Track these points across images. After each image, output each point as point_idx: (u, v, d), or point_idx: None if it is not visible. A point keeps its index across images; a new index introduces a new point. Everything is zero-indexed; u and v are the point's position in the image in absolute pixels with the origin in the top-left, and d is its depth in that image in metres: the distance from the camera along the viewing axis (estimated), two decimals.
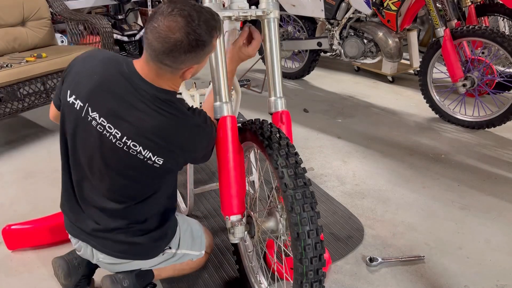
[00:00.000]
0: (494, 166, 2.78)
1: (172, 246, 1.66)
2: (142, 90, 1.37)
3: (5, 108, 2.79)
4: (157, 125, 1.37)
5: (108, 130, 1.40)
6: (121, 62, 1.42)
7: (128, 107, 1.37)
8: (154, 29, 1.28)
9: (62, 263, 1.69)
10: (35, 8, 3.35)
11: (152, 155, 1.40)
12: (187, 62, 1.33)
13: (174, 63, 1.32)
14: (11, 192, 2.48)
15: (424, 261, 1.98)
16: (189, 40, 1.27)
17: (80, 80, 1.44)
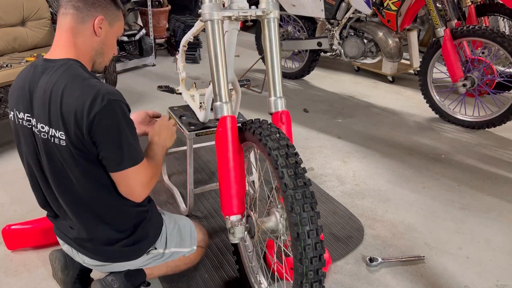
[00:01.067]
0: (494, 166, 2.78)
1: (158, 246, 1.64)
2: (44, 68, 1.40)
3: (5, 108, 2.79)
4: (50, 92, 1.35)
5: (31, 122, 1.42)
6: (34, 61, 1.47)
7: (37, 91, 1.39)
8: None
9: (59, 255, 1.69)
10: (35, 8, 3.35)
11: (54, 130, 1.35)
12: (98, 7, 1.40)
13: (86, 4, 1.39)
14: (11, 192, 2.48)
15: (424, 261, 1.98)
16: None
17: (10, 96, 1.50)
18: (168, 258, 1.68)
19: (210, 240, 2.03)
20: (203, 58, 4.95)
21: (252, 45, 4.71)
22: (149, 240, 1.61)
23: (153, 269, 1.70)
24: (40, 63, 1.42)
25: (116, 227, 1.53)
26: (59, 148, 1.37)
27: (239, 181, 1.47)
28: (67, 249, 1.65)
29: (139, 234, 1.57)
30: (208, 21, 1.50)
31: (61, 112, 1.33)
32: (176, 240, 1.69)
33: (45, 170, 1.47)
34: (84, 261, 1.62)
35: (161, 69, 4.61)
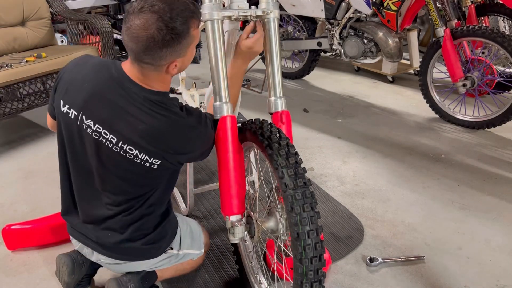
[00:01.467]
0: (494, 166, 2.78)
1: (174, 246, 1.66)
2: (133, 93, 1.37)
3: (5, 108, 2.79)
4: (150, 129, 1.36)
5: (104, 136, 1.40)
6: (110, 66, 1.42)
7: (121, 112, 1.37)
8: (128, 30, 1.28)
9: (67, 260, 1.69)
10: (35, 8, 3.35)
11: (148, 157, 1.40)
12: (166, 57, 1.33)
13: (154, 60, 1.32)
14: (11, 192, 2.48)
15: (424, 261, 1.98)
16: (162, 35, 1.26)
17: (71, 89, 1.44)
18: (180, 260, 1.70)
19: (210, 240, 2.04)
20: (203, 58, 4.95)
21: None
22: (167, 239, 1.63)
23: (163, 272, 1.72)
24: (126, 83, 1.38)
25: (140, 227, 1.55)
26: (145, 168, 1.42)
27: (239, 181, 1.47)
28: (80, 248, 1.66)
29: (159, 232, 1.58)
30: (208, 21, 1.50)
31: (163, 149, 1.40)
32: (188, 241, 1.71)
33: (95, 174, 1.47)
34: (99, 259, 1.62)
35: None
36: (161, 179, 1.52)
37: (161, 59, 1.32)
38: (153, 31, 1.26)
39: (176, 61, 1.36)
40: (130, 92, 1.37)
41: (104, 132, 1.39)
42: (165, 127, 1.37)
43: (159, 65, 1.34)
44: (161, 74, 1.38)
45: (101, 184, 1.48)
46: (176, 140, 1.40)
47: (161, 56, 1.31)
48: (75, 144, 1.47)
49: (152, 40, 1.27)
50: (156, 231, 1.58)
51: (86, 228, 1.58)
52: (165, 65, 1.36)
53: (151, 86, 1.39)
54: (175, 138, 1.39)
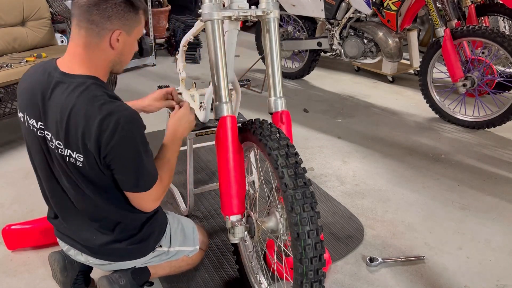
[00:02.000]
0: (494, 166, 2.78)
1: (163, 244, 1.65)
2: (59, 82, 1.36)
3: (5, 108, 2.79)
4: (66, 112, 1.32)
5: (46, 134, 1.40)
6: (45, 63, 1.43)
7: (50, 104, 1.36)
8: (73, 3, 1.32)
9: (58, 257, 1.69)
10: (35, 8, 3.35)
11: (71, 151, 1.35)
12: (114, 19, 1.33)
13: (101, 17, 1.31)
14: (11, 192, 2.48)
15: (424, 261, 1.98)
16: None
17: (19, 93, 1.47)
18: (172, 257, 1.69)
19: (210, 240, 2.03)
20: (203, 58, 4.95)
21: (252, 45, 4.71)
22: (154, 238, 1.62)
23: (157, 269, 1.71)
24: (55, 74, 1.37)
25: (125, 228, 1.54)
26: (75, 166, 1.38)
27: (239, 181, 1.47)
28: (67, 250, 1.66)
29: (145, 232, 1.58)
30: (208, 21, 1.50)
31: (81, 138, 1.32)
32: (180, 238, 1.70)
33: (56, 176, 1.47)
34: (88, 260, 1.62)
35: (161, 69, 4.61)
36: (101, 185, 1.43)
37: (109, 19, 1.32)
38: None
39: (121, 32, 1.35)
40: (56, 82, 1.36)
41: (44, 129, 1.40)
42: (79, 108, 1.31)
43: (104, 28, 1.33)
44: (101, 45, 1.36)
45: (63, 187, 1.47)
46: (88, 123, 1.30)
47: (109, 16, 1.32)
48: (31, 147, 1.48)
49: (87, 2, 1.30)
50: (143, 231, 1.56)
51: (71, 231, 1.57)
52: (110, 32, 1.34)
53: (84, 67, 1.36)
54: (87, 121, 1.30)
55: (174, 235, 1.68)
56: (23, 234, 2.00)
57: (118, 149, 1.32)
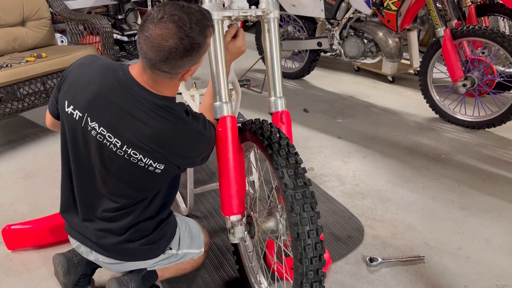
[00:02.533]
0: (494, 166, 2.78)
1: (172, 246, 1.66)
2: (141, 97, 1.36)
3: (5, 108, 2.79)
4: (156, 134, 1.36)
5: (108, 140, 1.39)
6: (117, 69, 1.41)
7: (127, 116, 1.36)
8: (147, 39, 1.27)
9: (62, 259, 1.69)
10: (35, 8, 3.35)
11: (152, 162, 1.40)
12: (185, 66, 1.33)
13: (172, 69, 1.32)
14: (11, 192, 2.48)
15: (424, 261, 1.98)
16: (183, 45, 1.26)
17: (77, 90, 1.43)
18: (179, 259, 1.70)
19: (210, 240, 2.03)
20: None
21: (252, 45, 4.71)
22: (166, 240, 1.63)
23: (164, 271, 1.72)
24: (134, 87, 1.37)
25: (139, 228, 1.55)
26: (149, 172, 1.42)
27: (239, 181, 1.47)
28: (77, 247, 1.66)
29: (158, 233, 1.58)
30: None
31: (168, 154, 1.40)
32: (188, 241, 1.71)
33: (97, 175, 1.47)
34: (98, 259, 1.62)
35: None
36: (163, 183, 1.52)
37: (179, 68, 1.33)
38: (174, 41, 1.25)
39: (191, 69, 1.37)
40: (138, 97, 1.36)
41: (108, 136, 1.39)
42: (171, 132, 1.37)
43: (176, 73, 1.35)
44: (174, 81, 1.39)
45: (103, 186, 1.48)
46: (182, 145, 1.40)
47: (180, 65, 1.32)
48: (78, 145, 1.46)
49: (174, 51, 1.26)
50: (155, 232, 1.58)
51: (85, 227, 1.57)
52: (182, 73, 1.36)
53: (160, 92, 1.38)
54: (180, 143, 1.40)
55: (183, 237, 1.69)
56: (23, 234, 2.00)
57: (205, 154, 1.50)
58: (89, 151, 1.45)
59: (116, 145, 1.39)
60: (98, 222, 1.54)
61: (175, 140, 1.39)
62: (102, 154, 1.42)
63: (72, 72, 1.47)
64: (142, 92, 1.37)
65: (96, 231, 1.55)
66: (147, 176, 1.44)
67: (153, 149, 1.37)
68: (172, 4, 1.28)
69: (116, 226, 1.53)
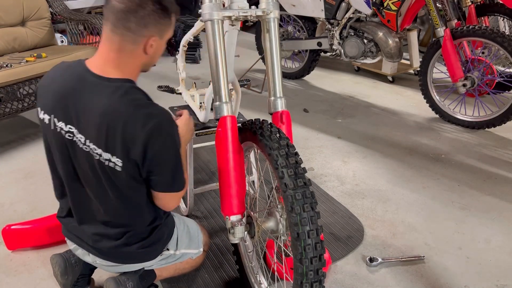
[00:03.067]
0: (494, 166, 2.78)
1: (170, 247, 1.65)
2: (94, 85, 1.35)
3: (5, 108, 2.79)
4: (106, 117, 1.31)
5: (76, 137, 1.39)
6: (75, 65, 1.42)
7: (84, 108, 1.35)
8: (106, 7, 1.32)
9: (59, 260, 1.69)
10: (35, 8, 3.35)
11: (110, 155, 1.35)
12: (150, 26, 1.33)
13: (139, 24, 1.31)
14: (11, 192, 2.48)
15: (424, 261, 1.98)
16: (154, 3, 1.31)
17: (43, 94, 1.45)
18: (177, 260, 1.69)
19: (210, 240, 2.03)
20: (203, 58, 4.95)
21: (252, 45, 4.71)
22: (163, 241, 1.62)
23: (162, 271, 1.71)
24: (89, 77, 1.36)
25: (136, 232, 1.54)
26: (112, 170, 1.38)
27: (239, 181, 1.47)
28: (75, 249, 1.66)
29: (155, 235, 1.57)
30: (208, 21, 1.50)
31: (123, 142, 1.32)
32: (186, 241, 1.70)
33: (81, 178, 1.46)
34: (95, 261, 1.62)
35: (161, 69, 4.61)
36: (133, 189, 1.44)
37: (145, 26, 1.33)
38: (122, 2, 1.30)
39: (155, 38, 1.36)
40: (91, 85, 1.35)
41: (75, 132, 1.39)
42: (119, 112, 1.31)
43: (140, 35, 1.34)
44: (135, 52, 1.36)
45: (88, 188, 1.47)
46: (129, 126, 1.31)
47: (146, 23, 1.32)
48: (55, 148, 1.46)
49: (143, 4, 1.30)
50: (152, 235, 1.56)
51: (81, 231, 1.57)
52: (145, 39, 1.35)
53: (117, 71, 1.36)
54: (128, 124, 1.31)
55: (181, 238, 1.69)
56: (23, 234, 2.00)
57: (162, 152, 1.35)
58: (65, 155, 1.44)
59: (81, 141, 1.38)
60: (93, 226, 1.54)
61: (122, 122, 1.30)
62: (75, 154, 1.42)
63: (42, 80, 1.50)
64: (95, 78, 1.35)
65: (92, 235, 1.54)
66: (113, 176, 1.39)
67: (105, 138, 1.32)
68: None
69: (112, 230, 1.52)
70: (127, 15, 1.30)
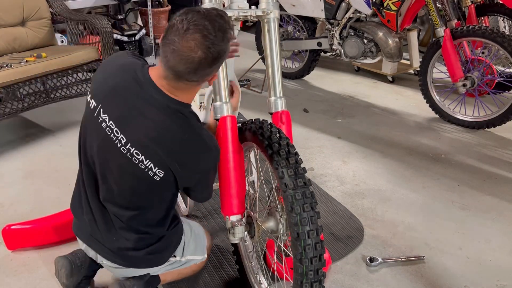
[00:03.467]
0: (494, 166, 2.78)
1: (176, 254, 1.65)
2: (155, 98, 1.35)
3: (5, 108, 2.79)
4: (162, 135, 1.35)
5: (115, 134, 1.39)
6: (136, 69, 1.40)
7: (137, 114, 1.36)
8: (174, 52, 1.25)
9: (65, 262, 1.69)
10: (35, 8, 3.35)
11: (153, 166, 1.38)
12: (212, 72, 1.34)
13: (201, 78, 1.32)
14: (11, 192, 2.48)
15: (424, 261, 1.98)
16: (212, 53, 1.25)
17: (97, 85, 1.45)
18: (183, 265, 1.70)
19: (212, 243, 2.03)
20: None
21: (252, 45, 4.71)
22: (171, 248, 1.62)
23: (166, 275, 1.72)
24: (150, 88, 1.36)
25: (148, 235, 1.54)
26: (147, 178, 1.40)
27: (239, 181, 1.47)
28: (85, 249, 1.66)
29: (164, 242, 1.58)
30: None
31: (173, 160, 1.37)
32: (192, 248, 1.70)
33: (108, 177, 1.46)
34: (102, 261, 1.62)
35: None
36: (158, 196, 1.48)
37: (207, 76, 1.34)
38: (203, 52, 1.24)
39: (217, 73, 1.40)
40: (152, 97, 1.35)
41: (116, 131, 1.38)
42: (177, 137, 1.36)
43: (204, 80, 1.36)
44: (197, 87, 1.40)
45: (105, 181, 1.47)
46: (184, 153, 1.38)
47: (208, 73, 1.32)
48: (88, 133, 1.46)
49: (203, 61, 1.26)
50: (161, 241, 1.56)
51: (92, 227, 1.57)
52: (209, 78, 1.37)
53: (176, 96, 1.37)
54: (183, 150, 1.38)
55: (187, 244, 1.69)
56: (23, 234, 2.00)
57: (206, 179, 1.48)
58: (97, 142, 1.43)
59: (121, 141, 1.38)
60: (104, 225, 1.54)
61: (179, 146, 1.37)
62: (108, 149, 1.41)
63: (101, 66, 1.51)
64: (157, 94, 1.36)
65: (103, 232, 1.54)
66: (145, 182, 1.41)
67: (156, 151, 1.36)
68: (194, 13, 1.26)
69: (122, 232, 1.52)
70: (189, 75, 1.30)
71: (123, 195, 1.46)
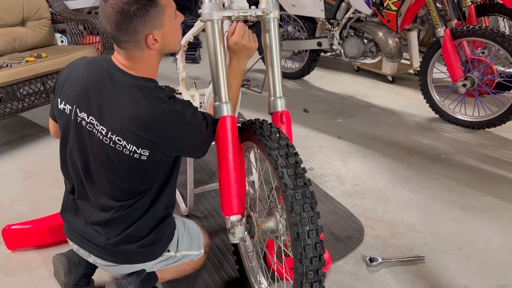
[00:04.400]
0: (494, 166, 2.78)
1: (170, 249, 1.65)
2: (122, 81, 1.40)
3: (5, 108, 2.79)
4: (136, 116, 1.36)
5: (96, 128, 1.42)
6: (101, 59, 1.46)
7: (110, 102, 1.39)
8: (101, 16, 1.34)
9: (63, 259, 1.69)
10: (35, 8, 3.35)
11: (136, 148, 1.40)
12: (139, 29, 1.34)
13: (129, 35, 1.34)
14: (11, 192, 2.48)
15: (424, 261, 1.98)
16: (128, 6, 1.30)
17: (67, 87, 1.48)
18: (178, 261, 1.69)
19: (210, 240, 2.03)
20: (203, 58, 4.95)
21: None
22: (164, 242, 1.62)
23: (164, 273, 1.71)
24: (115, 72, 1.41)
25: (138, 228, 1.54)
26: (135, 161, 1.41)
27: (239, 181, 1.47)
28: (77, 249, 1.66)
29: (155, 235, 1.58)
30: (208, 21, 1.50)
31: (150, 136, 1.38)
32: (187, 243, 1.70)
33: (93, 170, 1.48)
34: (95, 261, 1.62)
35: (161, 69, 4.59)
36: (154, 173, 1.50)
37: (135, 33, 1.34)
38: (120, 5, 1.30)
39: (153, 33, 1.37)
40: (119, 81, 1.40)
41: (96, 124, 1.42)
42: (149, 114, 1.37)
43: (137, 40, 1.36)
44: (144, 52, 1.40)
45: (97, 181, 1.49)
46: (162, 127, 1.38)
47: (134, 29, 1.33)
48: (71, 139, 1.49)
49: (120, 14, 1.31)
50: (152, 234, 1.56)
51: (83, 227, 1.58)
52: (143, 39, 1.37)
53: (138, 71, 1.42)
54: (160, 126, 1.38)
55: (181, 239, 1.69)
56: (23, 234, 2.00)
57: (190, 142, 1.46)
58: (82, 145, 1.47)
59: (102, 133, 1.41)
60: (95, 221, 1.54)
61: (154, 122, 1.37)
62: (92, 144, 1.44)
63: (63, 73, 1.53)
64: (122, 76, 1.41)
65: (93, 231, 1.55)
66: (135, 165, 1.43)
67: (134, 132, 1.37)
68: None
69: (113, 226, 1.52)
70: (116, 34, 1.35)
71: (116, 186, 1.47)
